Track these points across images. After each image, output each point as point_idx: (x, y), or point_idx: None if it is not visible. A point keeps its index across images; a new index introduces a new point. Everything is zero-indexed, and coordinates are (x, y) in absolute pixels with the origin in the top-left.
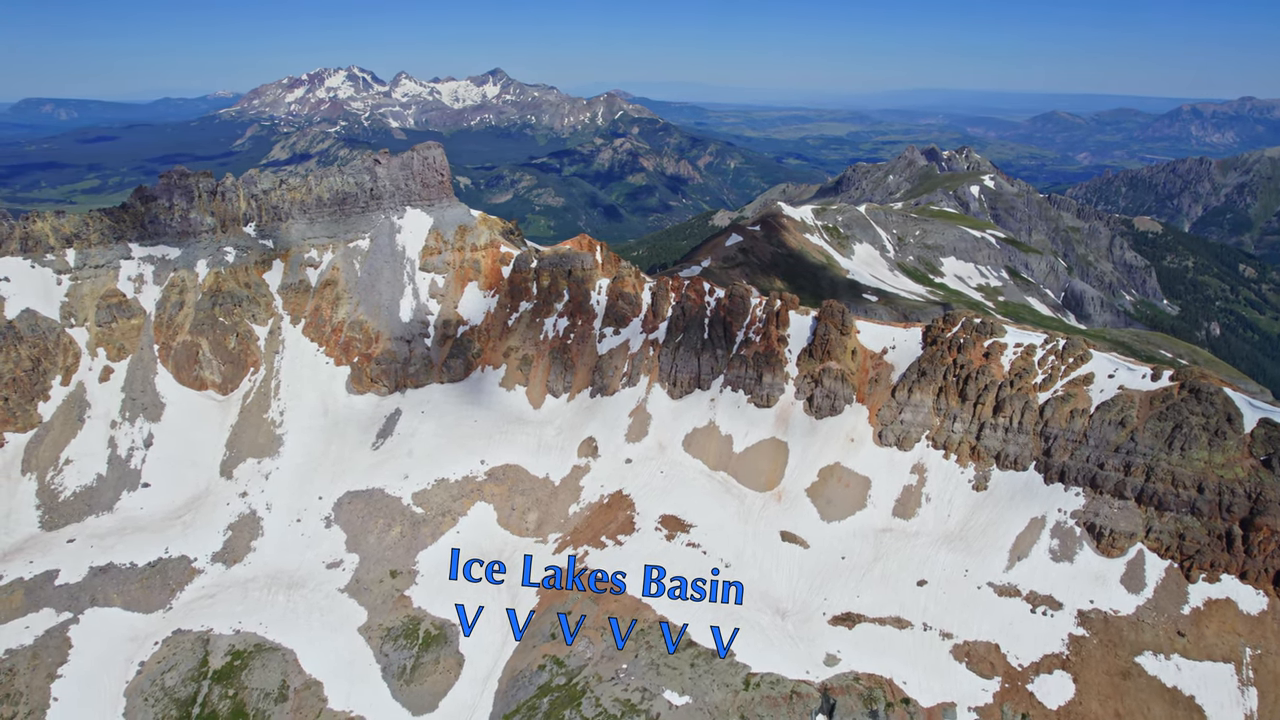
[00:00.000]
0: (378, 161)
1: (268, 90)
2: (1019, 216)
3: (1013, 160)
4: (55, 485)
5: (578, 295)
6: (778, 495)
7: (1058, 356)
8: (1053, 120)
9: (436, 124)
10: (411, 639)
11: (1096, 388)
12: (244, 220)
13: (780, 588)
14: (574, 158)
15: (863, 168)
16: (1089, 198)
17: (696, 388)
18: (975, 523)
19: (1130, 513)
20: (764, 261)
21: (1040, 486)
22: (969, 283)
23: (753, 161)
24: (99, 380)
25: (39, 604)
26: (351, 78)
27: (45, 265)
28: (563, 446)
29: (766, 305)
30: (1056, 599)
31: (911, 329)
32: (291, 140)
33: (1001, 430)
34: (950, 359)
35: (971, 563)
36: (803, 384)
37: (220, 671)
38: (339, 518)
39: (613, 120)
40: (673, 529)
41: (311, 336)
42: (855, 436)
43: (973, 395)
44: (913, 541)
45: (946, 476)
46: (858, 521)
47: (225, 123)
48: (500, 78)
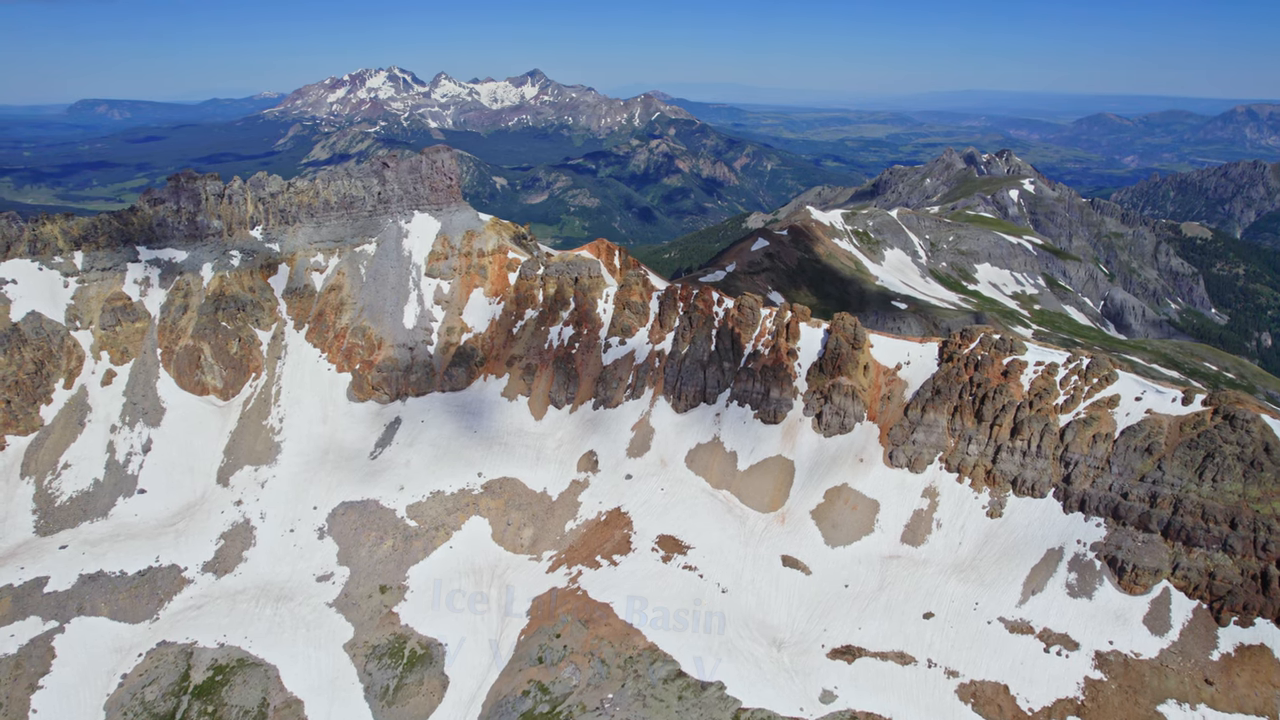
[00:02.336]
0: (386, 165)
1: (310, 91)
2: (1059, 222)
3: (1056, 164)
4: (52, 490)
5: (584, 303)
6: (781, 517)
7: (1081, 377)
8: (1099, 122)
9: (474, 124)
10: (396, 658)
11: (1122, 411)
12: (251, 224)
13: (778, 616)
14: (610, 159)
15: (899, 170)
16: (1134, 202)
17: (702, 401)
18: (988, 552)
19: (1156, 547)
20: (790, 267)
21: (1059, 515)
22: (1004, 290)
23: (789, 163)
24: (101, 384)
25: (26, 611)
26: (392, 78)
27: (53, 268)
28: (562, 460)
29: (776, 316)
30: (1073, 638)
31: (927, 344)
32: (332, 140)
33: (1019, 454)
34: (967, 377)
35: (982, 595)
36: (812, 400)
37: (201, 687)
38: (332, 529)
39: (649, 121)
40: (670, 550)
41: (314, 342)
42: (865, 456)
43: (989, 416)
44: (921, 570)
45: (959, 501)
46: (864, 547)
47: (269, 122)
48: (538, 79)
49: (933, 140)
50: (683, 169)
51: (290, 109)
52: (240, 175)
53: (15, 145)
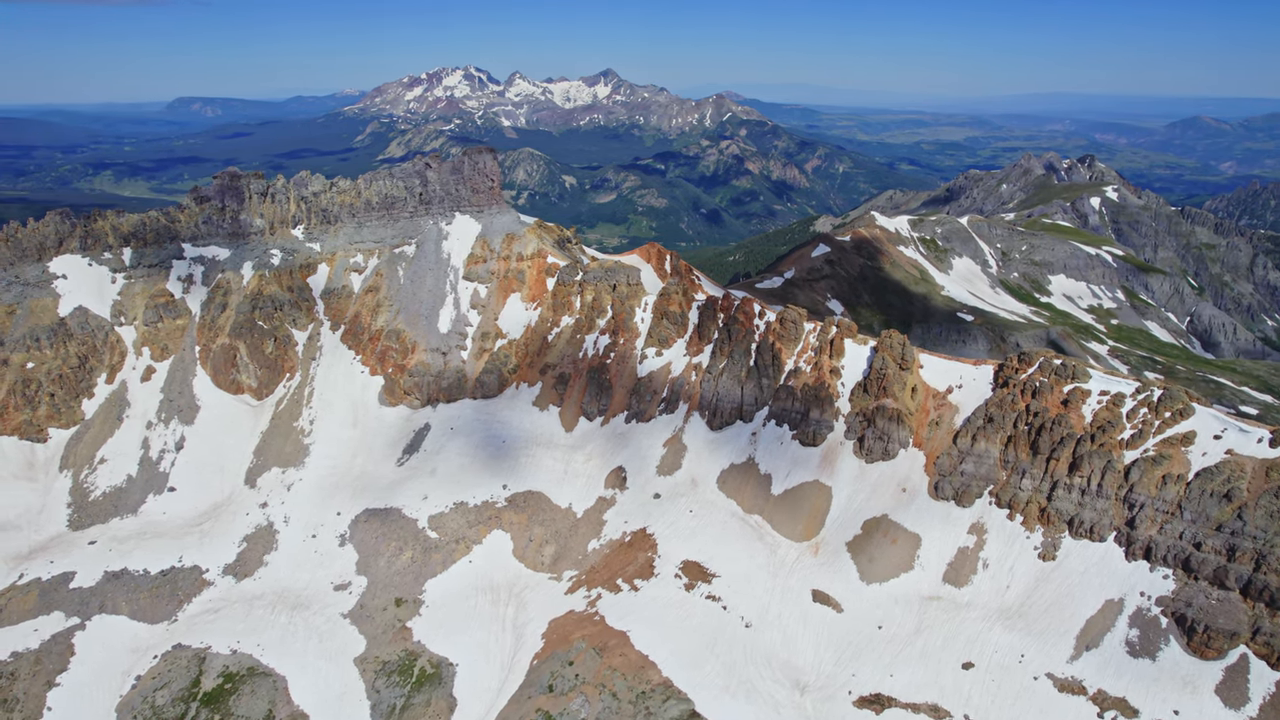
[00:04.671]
0: (429, 165)
1: (389, 89)
2: (1144, 232)
3: (1145, 170)
4: (88, 484)
5: (621, 312)
6: (814, 547)
7: (1151, 409)
8: (1195, 126)
9: (547, 123)
10: (406, 676)
11: (1198, 450)
12: (293, 223)
13: (804, 656)
14: (679, 160)
15: (975, 175)
16: (1230, 211)
17: (738, 419)
18: (1038, 598)
19: (1232, 607)
20: (851, 275)
21: (1120, 563)
22: (1079, 303)
23: (862, 166)
24: (141, 380)
25: (50, 606)
26: (468, 77)
27: (102, 263)
28: (590, 475)
29: (820, 332)
30: (1131, 703)
31: (981, 366)
32: (407, 137)
33: (1077, 491)
34: (1023, 404)
35: (1030, 646)
36: (854, 422)
37: (210, 694)
38: (354, 536)
39: (720, 122)
40: (694, 577)
41: (349, 344)
42: (908, 486)
43: (1046, 448)
44: (963, 614)
45: (1009, 540)
46: (901, 585)
47: (348, 119)
48: (611, 78)
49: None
50: (752, 170)
51: (369, 106)
52: (319, 171)
53: (118, 141)
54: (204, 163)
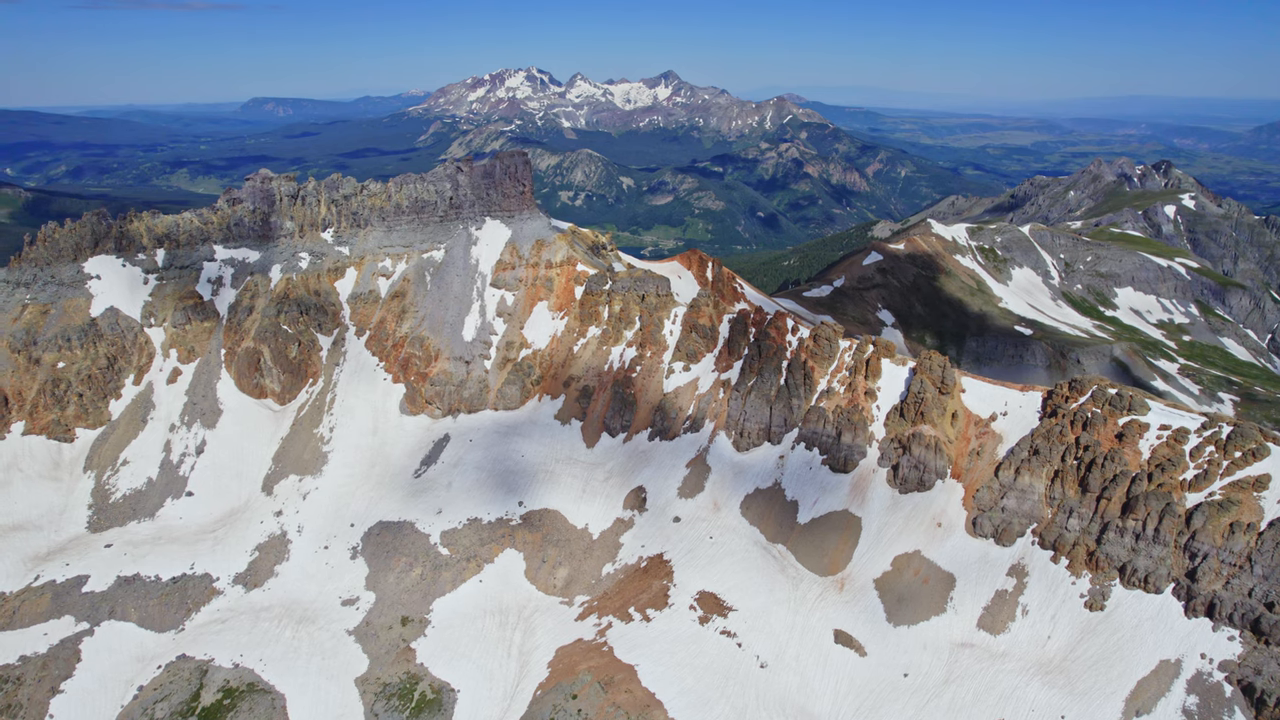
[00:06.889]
0: (460, 169)
1: (453, 89)
2: (1223, 242)
3: (1227, 176)
4: (109, 486)
5: (649, 324)
6: (839, 583)
7: (1219, 448)
8: None
9: (606, 124)
10: (406, 700)
11: (1272, 496)
12: (323, 226)
13: (821, 703)
14: (737, 163)
15: (1041, 181)
16: None
17: (766, 440)
18: (1083, 652)
19: None
20: (904, 284)
21: (1178, 619)
22: (1147, 318)
23: (925, 170)
24: (167, 382)
25: (62, 610)
26: (530, 78)
27: (135, 264)
28: (609, 494)
29: (856, 350)
30: None
31: (1029, 393)
32: (469, 137)
33: (1131, 536)
34: (1073, 436)
35: (1072, 707)
36: (888, 449)
37: (208, 709)
38: (365, 549)
39: (781, 124)
40: (709, 610)
41: (373, 350)
42: (944, 521)
43: (1096, 486)
44: (998, 665)
45: (1052, 586)
46: (931, 629)
47: (413, 119)
48: (672, 80)
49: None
50: (811, 174)
51: (433, 107)
52: (381, 171)
53: (195, 140)
54: (272, 161)
